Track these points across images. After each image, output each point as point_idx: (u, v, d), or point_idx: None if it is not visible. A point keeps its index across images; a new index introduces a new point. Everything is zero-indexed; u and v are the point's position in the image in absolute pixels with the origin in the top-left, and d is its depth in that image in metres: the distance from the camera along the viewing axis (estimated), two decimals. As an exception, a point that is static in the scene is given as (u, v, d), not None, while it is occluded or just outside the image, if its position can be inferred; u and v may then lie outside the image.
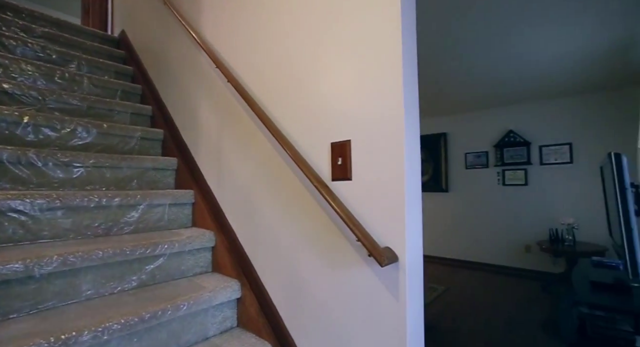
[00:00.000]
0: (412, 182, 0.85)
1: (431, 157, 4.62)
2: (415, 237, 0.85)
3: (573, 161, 3.54)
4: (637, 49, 2.39)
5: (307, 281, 1.06)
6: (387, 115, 0.86)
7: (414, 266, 0.83)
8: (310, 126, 1.06)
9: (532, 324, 2.54)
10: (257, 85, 1.29)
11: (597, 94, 3.42)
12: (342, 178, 0.95)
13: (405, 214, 0.81)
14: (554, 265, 3.56)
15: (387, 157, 0.86)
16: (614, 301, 1.66)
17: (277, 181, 1.18)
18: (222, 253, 1.41)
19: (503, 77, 3.05)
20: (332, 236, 0.98)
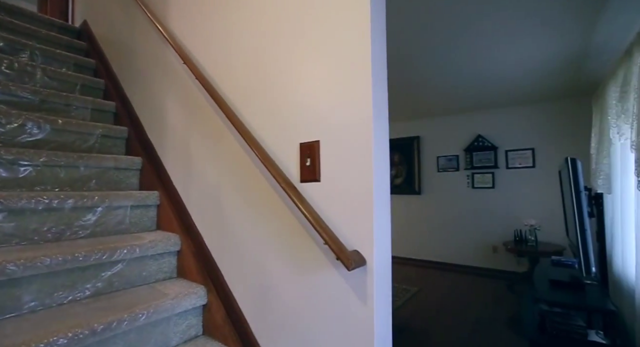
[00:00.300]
0: (381, 185, 0.84)
1: (405, 160, 4.72)
2: (384, 240, 0.84)
3: (535, 165, 3.74)
4: (589, 62, 2.57)
5: (276, 286, 1.03)
6: (356, 116, 0.85)
7: (382, 269, 0.83)
8: (280, 126, 1.04)
9: (499, 322, 2.64)
10: (227, 83, 1.24)
11: (557, 103, 3.64)
12: (310, 179, 0.93)
13: (374, 216, 0.80)
14: (518, 265, 3.74)
15: (355, 158, 0.84)
16: (569, 298, 1.76)
17: (246, 182, 1.14)
18: (188, 258, 1.35)
19: (472, 84, 3.17)
20: (301, 239, 0.96)
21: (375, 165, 0.82)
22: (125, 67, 1.90)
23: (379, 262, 0.81)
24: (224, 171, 1.24)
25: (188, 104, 1.44)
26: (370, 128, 0.82)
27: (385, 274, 0.84)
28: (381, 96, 0.86)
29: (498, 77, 2.98)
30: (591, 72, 2.79)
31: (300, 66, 0.99)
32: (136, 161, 1.59)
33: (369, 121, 0.82)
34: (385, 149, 0.88)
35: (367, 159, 0.82)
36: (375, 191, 0.81)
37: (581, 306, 1.68)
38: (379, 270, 0.81)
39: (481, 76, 2.95)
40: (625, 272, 2.09)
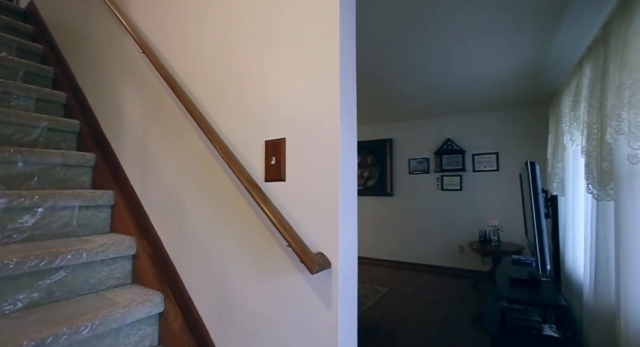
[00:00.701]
0: (348, 186, 0.81)
1: (377, 162, 4.79)
2: (350, 242, 0.82)
3: (499, 169, 3.94)
4: (546, 73, 2.74)
5: (238, 291, 0.97)
6: (323, 114, 0.82)
7: (348, 272, 0.80)
8: (245, 122, 0.98)
9: (464, 319, 2.72)
10: (190, 76, 1.17)
11: (518, 110, 3.86)
12: (275, 179, 0.89)
13: (339, 218, 0.77)
14: (482, 264, 3.91)
15: (322, 158, 0.81)
16: (527, 295, 1.84)
17: (209, 182, 1.07)
18: (144, 262, 1.25)
19: (441, 90, 3.28)
20: (265, 241, 0.91)
21: (342, 166, 0.79)
22: (79, 55, 1.75)
23: (344, 264, 0.78)
24: (185, 170, 1.16)
25: (148, 97, 1.34)
26: (337, 127, 0.79)
27: (351, 277, 0.81)
28: (349, 96, 0.84)
29: (465, 84, 3.10)
30: (548, 82, 2.98)
31: (269, 61, 0.95)
32: (89, 158, 1.46)
33: (336, 120, 0.79)
34: (352, 149, 0.85)
35: (333, 159, 0.79)
36: (341, 192, 0.78)
37: (537, 302, 1.76)
38: (344, 273, 0.78)
39: (449, 83, 3.06)
40: (575, 269, 2.24)
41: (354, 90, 0.87)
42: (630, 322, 1.33)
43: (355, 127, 0.88)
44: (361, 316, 2.75)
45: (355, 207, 0.85)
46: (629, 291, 1.34)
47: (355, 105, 0.88)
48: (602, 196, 1.55)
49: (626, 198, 1.36)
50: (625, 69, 1.29)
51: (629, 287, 1.34)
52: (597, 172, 1.59)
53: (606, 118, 1.46)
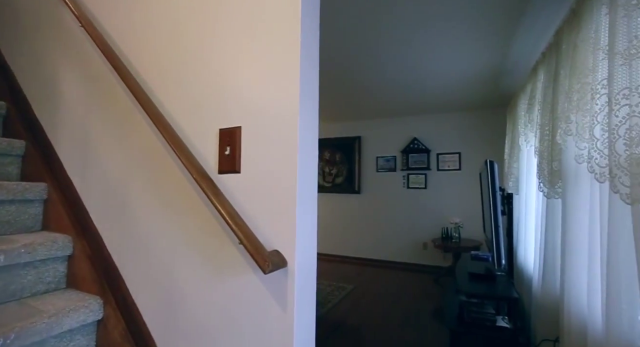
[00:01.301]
0: (307, 179, 0.76)
1: (346, 160, 4.81)
2: (308, 239, 0.77)
3: (461, 168, 4.12)
4: (505, 77, 2.90)
5: (188, 294, 0.88)
6: (282, 102, 0.76)
7: (305, 272, 0.75)
8: (198, 109, 0.90)
9: (425, 313, 2.81)
10: (137, 56, 1.05)
11: (479, 112, 4.06)
12: (229, 170, 0.81)
13: (297, 213, 0.72)
14: (444, 259, 4.07)
15: (279, 148, 0.75)
16: (483, 289, 1.92)
17: (158, 174, 0.97)
18: (81, 264, 1.11)
19: (407, 90, 3.35)
20: (218, 239, 0.83)
21: (301, 158, 0.74)
22: (5, 25, 1.53)
23: (302, 263, 0.73)
24: (132, 160, 1.04)
25: (89, 77, 1.19)
26: (296, 116, 0.74)
27: (309, 276, 0.76)
28: (310, 83, 0.79)
29: (429, 85, 3.19)
30: (506, 86, 3.14)
31: (226, 43, 0.86)
32: (17, 145, 1.28)
33: (295, 109, 0.74)
34: (313, 141, 0.80)
35: (291, 150, 0.74)
36: (299, 186, 0.73)
37: (492, 295, 1.84)
38: (302, 272, 0.73)
39: (414, 83, 3.12)
40: (526, 264, 2.39)
41: (316, 78, 0.82)
42: (573, 311, 1.42)
43: (317, 118, 0.83)
44: (326, 313, 2.73)
45: (315, 203, 0.80)
46: (571, 283, 1.43)
47: (317, 94, 0.83)
48: (552, 194, 1.64)
49: (571, 196, 1.44)
50: (574, 73, 1.36)
51: (571, 279, 1.43)
52: (547, 171, 1.69)
53: (557, 120, 1.55)
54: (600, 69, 1.17)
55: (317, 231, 4.91)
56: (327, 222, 4.92)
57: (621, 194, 1.01)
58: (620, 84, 1.04)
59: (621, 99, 1.03)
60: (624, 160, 1.01)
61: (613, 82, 1.06)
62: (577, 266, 1.40)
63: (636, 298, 1.02)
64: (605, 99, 1.13)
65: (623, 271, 1.05)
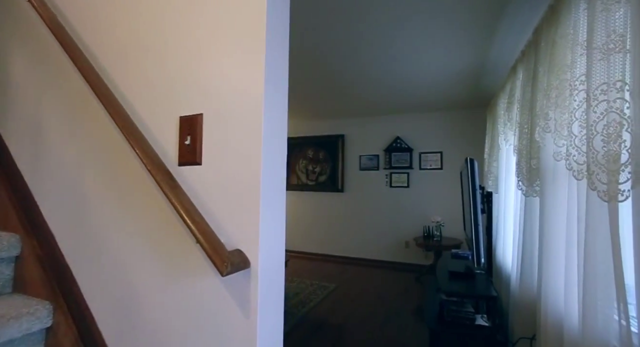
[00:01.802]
0: (272, 171, 0.70)
1: (329, 158, 4.76)
2: (275, 237, 0.71)
3: (443, 167, 4.15)
4: (485, 77, 2.92)
5: (145, 298, 0.80)
6: (245, 89, 0.69)
7: (271, 273, 0.69)
8: (158, 94, 0.82)
9: (406, 312, 2.80)
10: (92, 34, 0.95)
11: (461, 111, 4.10)
12: (190, 162, 0.74)
13: (260, 209, 0.66)
14: (426, 258, 4.09)
15: (243, 138, 0.69)
16: (462, 288, 1.92)
17: (116, 166, 0.88)
18: (31, 266, 1.01)
19: (390, 88, 3.34)
20: (179, 237, 0.76)
21: (266, 149, 0.68)
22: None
23: (267, 264, 0.67)
24: (87, 150, 0.95)
25: (41, 58, 1.08)
26: (260, 106, 0.67)
27: (275, 278, 0.70)
28: (278, 66, 0.72)
29: (412, 84, 3.19)
30: (487, 86, 3.18)
31: (189, 28, 0.79)
32: (-43, 134, 1.15)
33: (259, 97, 0.67)
34: (280, 133, 0.74)
35: (254, 141, 0.67)
36: (263, 179, 0.66)
37: (471, 294, 1.84)
38: (267, 274, 0.67)
39: (397, 81, 3.11)
40: (505, 262, 2.41)
41: (284, 66, 0.76)
42: (549, 309, 1.42)
43: (285, 109, 0.76)
44: (308, 313, 2.67)
45: (282, 199, 0.74)
46: (548, 281, 1.43)
47: (286, 83, 0.76)
48: (530, 192, 1.65)
49: (549, 194, 1.44)
50: (553, 70, 1.36)
51: (549, 277, 1.43)
52: (526, 169, 1.69)
53: (536, 118, 1.55)
54: (578, 64, 1.16)
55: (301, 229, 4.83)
56: (310, 220, 4.86)
57: (599, 191, 1.00)
58: (598, 80, 1.03)
59: (599, 95, 1.02)
60: (601, 156, 1.00)
61: (591, 77, 1.06)
62: (554, 264, 1.40)
63: (612, 296, 1.01)
64: (584, 95, 1.12)
65: (599, 270, 1.04)
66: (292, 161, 5.04)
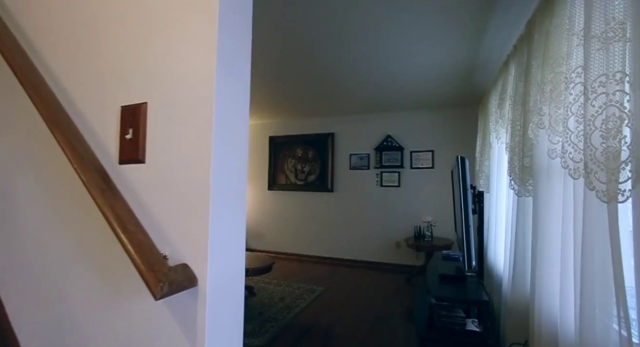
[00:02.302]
0: (227, 173, 0.59)
1: (319, 157, 4.66)
2: (230, 249, 0.60)
3: (434, 166, 4.09)
4: (477, 74, 2.86)
5: (81, 319, 0.69)
6: (196, 74, 0.58)
7: (224, 293, 0.58)
8: (98, 81, 0.70)
9: (397, 315, 2.72)
10: (26, 14, 0.83)
11: (452, 110, 4.04)
12: (132, 160, 0.63)
13: (210, 216, 0.55)
14: (417, 258, 4.02)
15: (191, 133, 0.58)
16: (453, 292, 1.84)
17: (50, 165, 0.76)
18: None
19: (380, 84, 3.25)
20: (116, 249, 0.64)
21: (218, 146, 0.57)
22: None
23: (219, 281, 0.56)
24: (18, 146, 0.82)
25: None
26: (211, 91, 0.56)
27: (230, 298, 0.59)
28: (236, 57, 0.62)
29: (402, 81, 3.11)
30: (478, 83, 3.11)
31: (134, 8, 0.67)
32: None
33: (210, 81, 0.57)
34: (238, 126, 0.63)
35: (204, 135, 0.56)
36: (215, 181, 0.56)
37: (462, 299, 1.76)
38: (218, 293, 0.56)
39: (387, 79, 3.03)
40: (496, 264, 2.34)
41: (246, 47, 0.65)
42: (543, 314, 1.34)
43: (246, 97, 0.66)
44: (294, 318, 2.57)
45: (241, 203, 0.63)
46: (542, 285, 1.35)
47: (248, 67, 0.66)
48: (523, 191, 1.57)
49: (543, 194, 1.37)
50: (547, 63, 1.28)
51: (542, 281, 1.35)
52: (518, 168, 1.61)
53: (528, 114, 1.47)
54: (575, 56, 1.08)
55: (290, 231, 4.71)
56: (299, 221, 4.75)
57: (597, 191, 0.92)
58: (596, 71, 0.95)
59: (597, 87, 0.94)
60: (600, 154, 0.92)
61: (589, 69, 0.97)
62: (548, 268, 1.32)
63: (611, 303, 0.93)
64: (580, 89, 1.04)
65: (597, 275, 0.96)
66: (281, 160, 4.92)
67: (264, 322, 2.46)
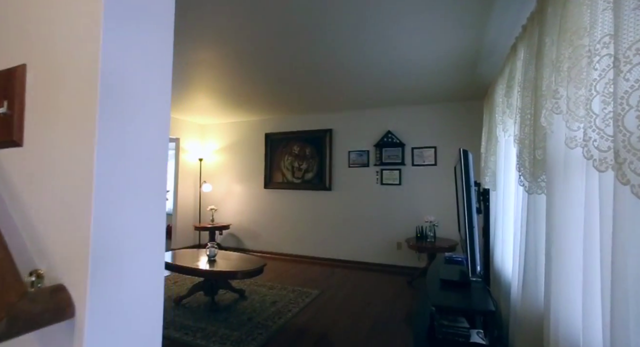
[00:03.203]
0: (125, 161, 0.42)
1: (316, 154, 4.49)
2: (131, 267, 0.43)
3: (437, 163, 3.89)
4: (481, 63, 2.66)
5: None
6: (79, 28, 0.42)
7: (117, 325, 0.41)
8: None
9: (396, 321, 2.54)
10: None
11: (455, 104, 3.84)
12: (6, 142, 0.46)
13: (92, 219, 0.38)
14: (419, 260, 3.83)
15: (74, 106, 0.41)
16: (456, 299, 1.66)
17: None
18: None
19: (379, 77, 3.07)
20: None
21: (105, 121, 0.40)
22: None
23: (107, 311, 0.39)
24: None
25: None
26: (96, 61, 0.40)
27: (131, 336, 0.43)
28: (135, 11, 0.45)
29: (402, 73, 2.94)
30: (483, 74, 2.92)
31: None
32: None
33: (96, 41, 0.40)
34: (151, 99, 0.46)
35: (87, 110, 0.40)
36: (100, 171, 0.39)
37: (466, 308, 1.58)
38: (106, 329, 0.40)
39: (386, 70, 2.85)
40: (504, 268, 2.15)
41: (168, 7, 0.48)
42: (561, 326, 1.16)
43: (166, 73, 0.49)
44: (285, 324, 2.41)
45: (157, 202, 0.46)
46: (560, 293, 1.17)
47: (170, 10, 0.49)
48: (534, 188, 1.39)
49: (559, 190, 1.18)
50: (564, 37, 1.09)
51: (560, 289, 1.17)
52: (529, 161, 1.43)
53: (541, 99, 1.29)
54: (600, 23, 0.90)
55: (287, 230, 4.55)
56: (295, 221, 4.59)
57: (633, 185, 0.73)
58: (631, 37, 0.76)
59: (632, 57, 0.75)
60: (636, 139, 0.73)
61: (620, 36, 0.79)
62: (567, 275, 1.14)
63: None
64: (608, 62, 0.86)
65: (633, 285, 0.78)
66: (277, 158, 4.76)
67: (253, 328, 2.30)
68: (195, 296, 2.81)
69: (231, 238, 5.05)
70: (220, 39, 2.32)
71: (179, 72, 3.02)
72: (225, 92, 3.64)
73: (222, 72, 3.02)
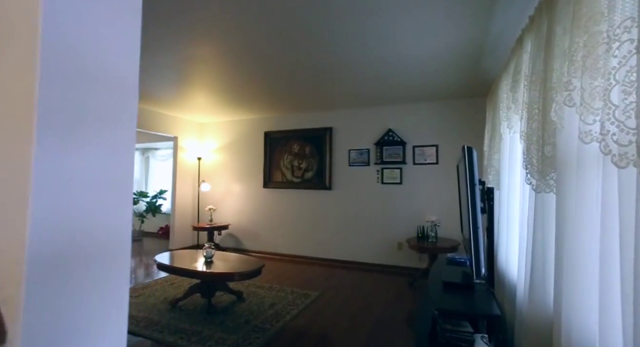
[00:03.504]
0: (73, 156, 0.36)
1: (316, 153, 4.42)
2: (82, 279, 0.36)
3: (439, 162, 3.82)
4: (485, 58, 2.59)
5: None
6: None
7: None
8: None
9: (397, 323, 2.48)
10: None
11: (458, 102, 3.76)
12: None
13: (29, 224, 0.31)
14: (420, 261, 3.76)
15: (12, 66, 0.34)
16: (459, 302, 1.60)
17: None
18: None
19: (381, 75, 3.00)
20: None
21: (41, 117, 0.33)
22: None
23: (41, 335, 0.32)
24: None
25: None
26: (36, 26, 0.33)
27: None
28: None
29: (403, 70, 2.87)
30: (486, 70, 2.84)
31: None
32: None
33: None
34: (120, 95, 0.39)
35: (25, 63, 0.33)
36: (39, 160, 0.32)
37: (469, 313, 1.51)
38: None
39: (386, 66, 2.78)
40: (508, 269, 2.09)
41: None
42: (574, 333, 1.09)
43: (134, 30, 0.42)
44: (282, 328, 2.34)
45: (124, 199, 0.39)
46: (572, 298, 1.10)
47: None
48: (542, 186, 1.31)
49: (570, 189, 1.11)
50: (578, 24, 1.02)
51: (572, 293, 1.10)
52: (537, 159, 1.36)
53: (551, 92, 1.21)
54: (620, 6, 0.83)
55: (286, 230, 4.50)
56: (295, 220, 4.53)
57: (659, 182, 0.66)
58: (656, 19, 0.70)
59: (659, 40, 0.69)
60: (663, 131, 0.67)
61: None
62: (581, 279, 1.07)
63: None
64: (628, 48, 0.79)
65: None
66: (277, 157, 4.70)
67: (250, 332, 2.24)
68: (192, 298, 2.75)
69: (230, 238, 4.99)
70: (219, 36, 2.26)
71: (177, 70, 2.96)
72: (224, 90, 3.58)
73: (221, 69, 2.95)
